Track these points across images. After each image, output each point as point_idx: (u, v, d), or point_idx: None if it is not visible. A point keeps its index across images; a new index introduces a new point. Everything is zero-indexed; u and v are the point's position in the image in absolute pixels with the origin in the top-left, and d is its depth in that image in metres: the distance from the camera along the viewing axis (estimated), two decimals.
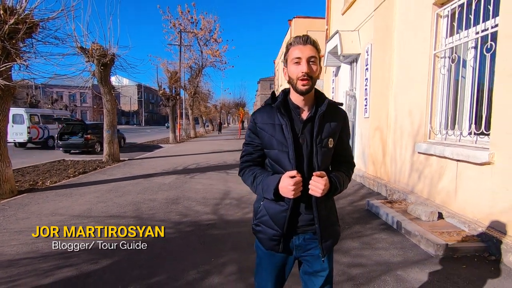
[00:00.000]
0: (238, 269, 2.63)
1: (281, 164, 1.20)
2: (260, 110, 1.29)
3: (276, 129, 1.21)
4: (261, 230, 1.27)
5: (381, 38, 5.49)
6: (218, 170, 7.81)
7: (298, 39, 1.17)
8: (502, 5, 2.91)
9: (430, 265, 2.70)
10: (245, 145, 1.33)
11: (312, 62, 1.15)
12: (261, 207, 1.28)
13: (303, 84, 1.15)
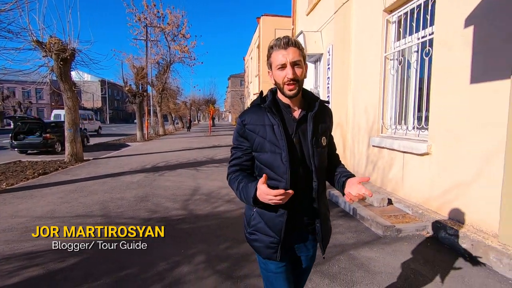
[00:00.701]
0: (206, 258, 2.79)
1: (273, 168, 1.15)
2: (248, 111, 1.23)
3: (267, 130, 1.16)
4: (257, 238, 1.21)
5: (341, 40, 5.87)
6: (188, 167, 7.83)
7: (279, 43, 1.13)
8: (436, 15, 3.33)
9: (378, 244, 3.06)
10: (233, 149, 1.27)
11: (297, 65, 1.12)
12: (254, 214, 1.23)
13: (290, 89, 1.13)
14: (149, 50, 19.93)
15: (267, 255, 1.20)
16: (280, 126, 1.13)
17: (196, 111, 47.52)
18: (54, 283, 2.37)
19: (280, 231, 1.16)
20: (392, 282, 2.38)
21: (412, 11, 3.96)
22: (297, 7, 9.30)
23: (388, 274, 2.49)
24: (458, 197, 3.05)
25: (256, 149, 1.19)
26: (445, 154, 3.22)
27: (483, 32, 2.72)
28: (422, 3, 3.69)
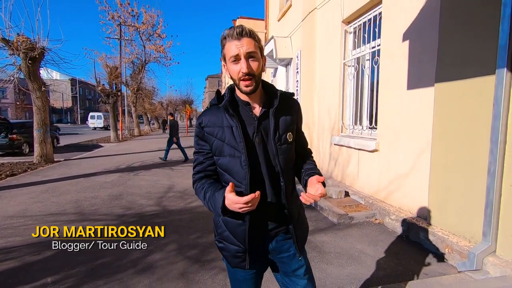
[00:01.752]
0: (178, 247, 3.05)
1: (232, 173, 1.08)
2: (206, 113, 1.14)
3: (226, 132, 1.08)
4: (224, 247, 1.17)
5: (308, 46, 6.31)
6: (163, 167, 7.97)
7: (232, 32, 1.02)
8: (382, 29, 3.82)
9: (333, 230, 3.47)
10: (195, 153, 1.18)
11: (252, 58, 1.02)
12: (220, 221, 1.16)
13: (246, 85, 1.03)
14: (123, 49, 19.60)
15: (235, 264, 1.15)
16: (239, 127, 1.05)
17: (173, 111, 46.84)
18: (30, 274, 2.54)
19: (243, 240, 1.10)
20: (339, 259, 2.78)
21: (365, 24, 4.45)
22: (270, 13, 9.70)
23: (337, 253, 2.89)
24: (399, 187, 3.53)
25: (215, 153, 1.11)
26: (389, 151, 3.70)
27: (415, 47, 3.21)
28: (372, 18, 4.18)
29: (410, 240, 3.15)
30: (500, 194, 2.28)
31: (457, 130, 2.68)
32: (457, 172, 2.69)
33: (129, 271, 2.56)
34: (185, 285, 2.35)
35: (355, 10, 4.44)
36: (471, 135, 2.54)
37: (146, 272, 2.54)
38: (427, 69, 3.03)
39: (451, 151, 2.75)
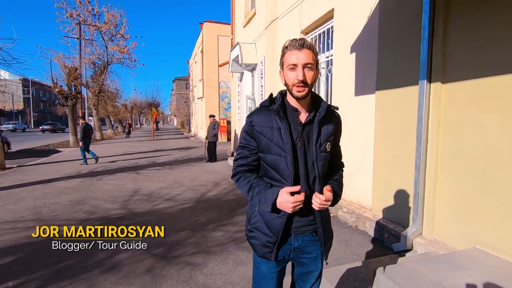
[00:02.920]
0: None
1: (279, 170, 1.18)
2: (257, 112, 1.23)
3: (274, 132, 1.17)
4: (255, 236, 1.24)
5: (270, 53, 6.67)
6: (128, 171, 7.83)
7: (294, 43, 1.14)
8: (334, 41, 4.24)
9: None
10: (241, 147, 1.27)
11: (308, 68, 1.12)
12: (256, 212, 1.24)
13: (299, 91, 1.13)
14: (83, 50, 18.71)
15: (263, 253, 1.22)
16: (287, 130, 1.15)
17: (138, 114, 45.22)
18: None
19: (278, 232, 1.18)
20: None
21: (320, 35, 4.87)
22: (236, 19, 9.98)
23: None
24: (350, 183, 3.94)
25: (263, 151, 1.21)
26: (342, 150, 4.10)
27: (360, 59, 3.65)
28: (326, 30, 4.61)
29: (358, 229, 3.55)
30: (424, 185, 2.72)
31: (393, 131, 3.12)
32: (394, 167, 3.13)
33: (95, 271, 2.62)
34: (151, 279, 2.48)
35: (311, 22, 4.84)
36: (403, 136, 2.99)
37: (112, 271, 2.62)
38: (369, 79, 3.46)
39: (389, 149, 3.18)
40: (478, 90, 2.29)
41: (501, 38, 2.13)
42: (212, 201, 4.91)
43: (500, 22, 2.13)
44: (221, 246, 3.14)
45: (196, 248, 3.10)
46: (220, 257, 2.88)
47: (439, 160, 2.63)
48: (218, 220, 3.95)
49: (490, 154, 2.21)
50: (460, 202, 2.46)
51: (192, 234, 3.46)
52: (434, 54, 2.59)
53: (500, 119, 2.14)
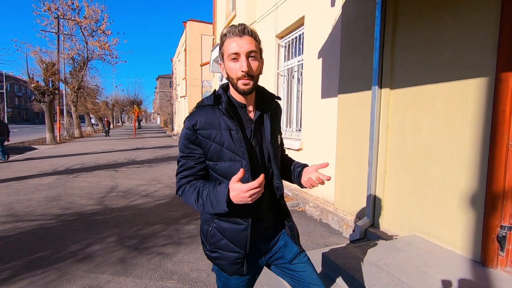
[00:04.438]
0: (118, 238, 3.29)
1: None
2: (199, 114, 1.06)
3: (224, 135, 1.04)
4: (220, 256, 1.12)
5: None
6: (106, 168, 7.82)
7: (234, 29, 1.01)
8: (304, 47, 4.52)
9: None
10: (183, 158, 1.10)
11: (252, 57, 1.02)
12: (212, 230, 1.11)
13: (245, 84, 1.01)
14: (61, 44, 18.23)
15: (233, 271, 1.11)
16: (239, 131, 1.03)
17: (120, 112, 44.26)
18: None
19: (245, 246, 1.08)
20: None
21: (293, 40, 5.14)
22: (217, 19, 10.13)
23: None
24: None
25: (212, 158, 1.06)
26: (310, 149, 4.40)
27: (326, 64, 3.93)
28: (298, 36, 4.88)
29: (322, 222, 3.84)
30: (375, 180, 3.03)
31: (351, 131, 3.42)
32: (352, 164, 3.42)
33: (67, 261, 2.75)
34: (122, 268, 2.64)
35: (285, 27, 5.10)
36: (359, 135, 3.29)
37: (85, 261, 2.76)
38: (333, 83, 3.75)
39: (348, 147, 3.48)
40: (416, 96, 2.61)
41: (431, 56, 2.44)
42: None
43: (430, 43, 2.44)
44: (192, 237, 3.33)
45: (168, 240, 3.27)
46: (190, 247, 3.07)
47: (387, 157, 2.94)
48: (192, 215, 4.13)
49: (425, 152, 2.53)
50: (403, 194, 2.77)
51: (166, 227, 3.63)
52: (384, 63, 2.90)
53: (433, 122, 2.46)
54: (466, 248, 2.21)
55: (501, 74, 1.96)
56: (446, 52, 2.34)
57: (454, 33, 2.28)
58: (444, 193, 2.37)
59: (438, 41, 2.41)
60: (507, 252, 2.00)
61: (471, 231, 2.18)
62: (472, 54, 2.16)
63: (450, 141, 2.31)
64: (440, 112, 2.40)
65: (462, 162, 2.23)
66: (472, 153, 2.17)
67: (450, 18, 2.31)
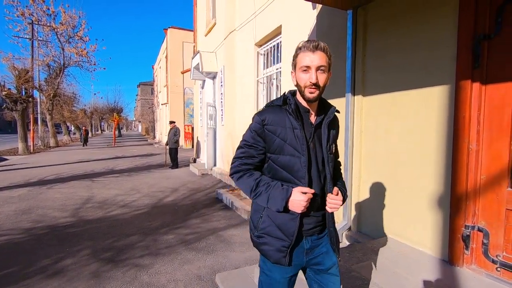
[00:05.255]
0: (92, 251, 3.17)
1: (292, 171, 1.16)
2: (268, 111, 1.20)
3: (288, 132, 1.16)
4: (266, 242, 1.20)
5: (229, 63, 6.93)
6: (82, 179, 7.55)
7: (308, 45, 1.12)
8: (282, 55, 4.61)
9: (243, 225, 4.01)
10: (247, 146, 1.22)
11: (321, 70, 1.12)
12: (264, 216, 1.21)
13: (311, 92, 1.13)
14: (36, 51, 17.58)
15: (277, 259, 1.18)
16: (302, 130, 1.15)
17: (99, 120, 43.00)
18: None
19: (292, 234, 1.15)
20: (242, 247, 3.30)
21: (272, 48, 5.24)
22: (198, 27, 10.16)
23: (241, 243, 3.41)
24: None
25: (275, 151, 1.18)
26: None
27: None
28: (276, 45, 4.98)
29: None
30: (351, 184, 3.11)
31: None
32: None
33: (37, 277, 2.62)
34: (96, 282, 2.55)
35: (263, 36, 5.20)
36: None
37: (56, 276, 2.64)
38: None
39: None
40: (387, 102, 2.72)
41: (399, 64, 2.57)
42: (168, 206, 4.99)
43: (397, 52, 2.57)
44: (170, 248, 3.27)
45: (145, 250, 3.19)
46: (168, 257, 3.01)
47: (362, 162, 3.03)
48: (172, 224, 4.06)
49: (397, 156, 2.63)
50: (377, 198, 2.86)
51: (143, 238, 3.54)
52: (356, 72, 3.01)
53: (403, 127, 2.57)
54: (435, 248, 2.30)
55: (460, 82, 2.09)
56: (411, 60, 2.47)
57: (418, 42, 2.41)
58: (413, 196, 2.47)
59: (404, 50, 2.54)
60: (472, 251, 2.10)
61: (439, 232, 2.28)
62: (435, 63, 2.29)
63: (418, 146, 2.42)
64: (408, 117, 2.52)
65: (430, 165, 2.34)
66: (438, 157, 2.28)
67: (414, 29, 2.44)
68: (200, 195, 5.79)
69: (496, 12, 1.95)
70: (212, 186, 6.62)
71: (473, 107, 2.04)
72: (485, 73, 2.01)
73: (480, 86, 2.02)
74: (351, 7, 2.91)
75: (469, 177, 2.08)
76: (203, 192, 6.06)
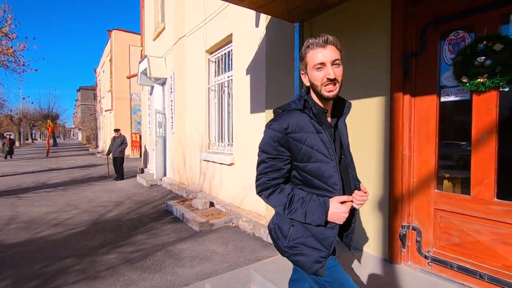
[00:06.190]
0: (13, 281, 2.72)
1: (323, 178, 1.09)
2: (290, 117, 1.11)
3: (313, 138, 1.09)
4: (303, 252, 1.12)
5: (179, 69, 6.72)
6: (5, 195, 6.54)
7: (318, 41, 1.07)
8: (233, 63, 4.61)
9: (194, 238, 3.83)
10: (271, 159, 1.13)
11: (336, 64, 1.07)
12: (297, 225, 1.14)
13: (330, 90, 1.07)
14: None
15: (314, 270, 1.11)
16: (327, 134, 1.09)
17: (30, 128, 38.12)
18: None
19: (331, 244, 1.10)
20: (192, 261, 3.14)
21: (223, 56, 5.22)
22: (145, 31, 9.70)
23: (191, 257, 3.24)
24: (249, 193, 4.26)
25: (302, 160, 1.11)
26: (241, 163, 4.43)
27: (253, 81, 4.07)
28: (227, 52, 4.98)
29: (255, 236, 3.85)
30: None
31: None
32: None
33: None
34: None
35: (214, 43, 5.15)
36: None
37: None
38: (260, 99, 3.89)
39: None
40: None
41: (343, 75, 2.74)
42: (110, 222, 4.56)
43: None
44: (112, 269, 2.96)
45: (81, 275, 2.84)
46: (109, 280, 2.72)
47: None
48: (114, 242, 3.70)
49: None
50: None
51: (79, 260, 3.16)
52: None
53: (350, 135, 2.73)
54: (377, 248, 2.46)
55: (394, 94, 2.29)
56: (353, 73, 2.65)
57: (358, 56, 2.60)
58: None
59: (347, 63, 2.71)
60: (408, 249, 2.29)
61: (380, 233, 2.44)
62: (372, 76, 2.48)
63: (363, 153, 2.58)
64: (354, 126, 2.68)
65: (372, 172, 2.51)
66: (378, 164, 2.46)
67: (355, 44, 2.63)
68: (147, 208, 5.42)
69: (421, 32, 2.19)
70: (162, 198, 6.26)
71: (405, 117, 2.25)
72: (414, 86, 2.23)
73: (410, 98, 2.24)
74: (298, 20, 3.04)
75: (403, 181, 2.27)
76: (151, 204, 5.68)
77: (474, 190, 1.94)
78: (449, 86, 2.08)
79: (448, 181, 2.22)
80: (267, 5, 2.69)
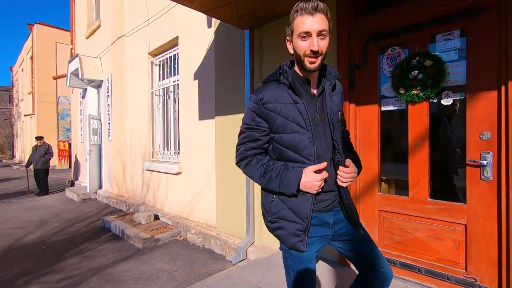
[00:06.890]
0: None
1: (298, 149, 1.08)
2: (265, 88, 1.12)
3: (290, 108, 1.08)
4: (281, 226, 1.12)
5: (118, 71, 6.16)
6: None
7: (307, 7, 1.00)
8: (180, 67, 4.40)
9: (137, 256, 3.47)
10: (248, 129, 1.15)
11: (322, 36, 1.02)
12: (275, 200, 1.13)
13: (312, 62, 1.04)
14: None
15: (292, 244, 1.10)
16: (304, 104, 1.07)
17: None
18: None
19: (307, 216, 1.08)
20: (135, 283, 2.82)
21: (168, 59, 4.95)
22: (76, 27, 8.73)
23: (135, 279, 2.91)
24: (198, 203, 4.06)
25: (277, 131, 1.10)
26: (189, 172, 4.21)
27: (202, 86, 3.93)
28: (173, 56, 4.74)
29: (205, 248, 3.66)
30: (254, 199, 3.14)
31: (229, 153, 3.47)
32: (232, 184, 3.46)
33: None
34: None
35: (158, 46, 4.86)
36: None
37: None
38: (210, 105, 3.76)
39: (227, 169, 3.51)
40: None
41: None
42: (31, 246, 3.87)
43: None
44: None
45: None
46: None
47: None
48: (36, 270, 3.13)
49: None
50: None
51: None
52: (255, 88, 3.11)
53: None
54: (330, 252, 2.52)
55: None
56: None
57: None
58: None
59: None
60: None
61: None
62: None
63: None
64: None
65: None
66: None
67: None
68: (79, 226, 4.76)
69: (363, 46, 2.36)
70: (97, 213, 5.59)
71: (351, 124, 2.38)
72: (358, 96, 2.39)
73: (355, 107, 2.38)
74: (248, 27, 3.03)
75: (351, 185, 2.39)
76: (84, 222, 5.02)
77: (411, 191, 2.13)
78: (388, 96, 2.27)
79: (388, 184, 2.41)
80: (217, 9, 2.61)
